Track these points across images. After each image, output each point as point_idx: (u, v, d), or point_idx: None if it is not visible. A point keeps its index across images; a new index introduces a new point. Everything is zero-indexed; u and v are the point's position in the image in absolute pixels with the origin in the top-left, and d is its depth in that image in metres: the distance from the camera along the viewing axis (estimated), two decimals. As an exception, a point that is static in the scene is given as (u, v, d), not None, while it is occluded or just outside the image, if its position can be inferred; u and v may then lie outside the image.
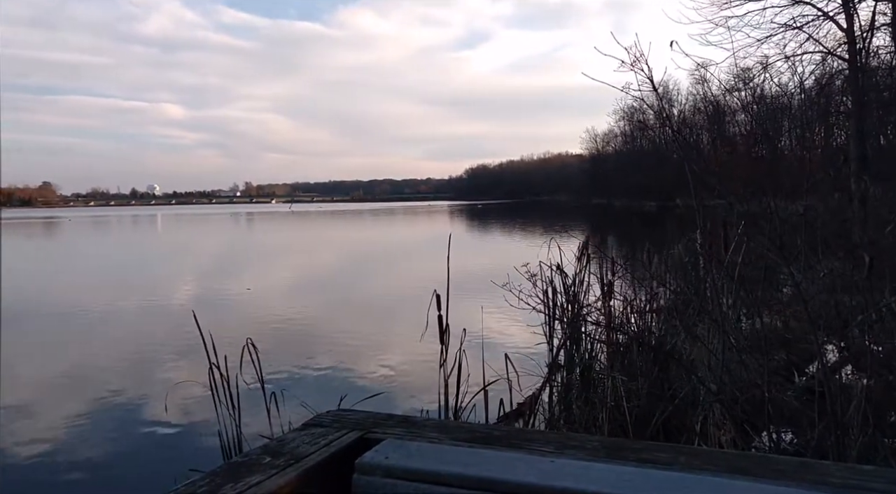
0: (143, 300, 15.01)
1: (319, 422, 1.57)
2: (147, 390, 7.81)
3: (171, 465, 5.08)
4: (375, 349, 9.53)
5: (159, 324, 11.99)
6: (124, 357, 9.58)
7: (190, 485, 1.22)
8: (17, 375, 8.75)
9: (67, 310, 13.84)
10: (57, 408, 7.19)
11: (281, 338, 9.80)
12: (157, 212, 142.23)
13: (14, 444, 6.18)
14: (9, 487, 5.33)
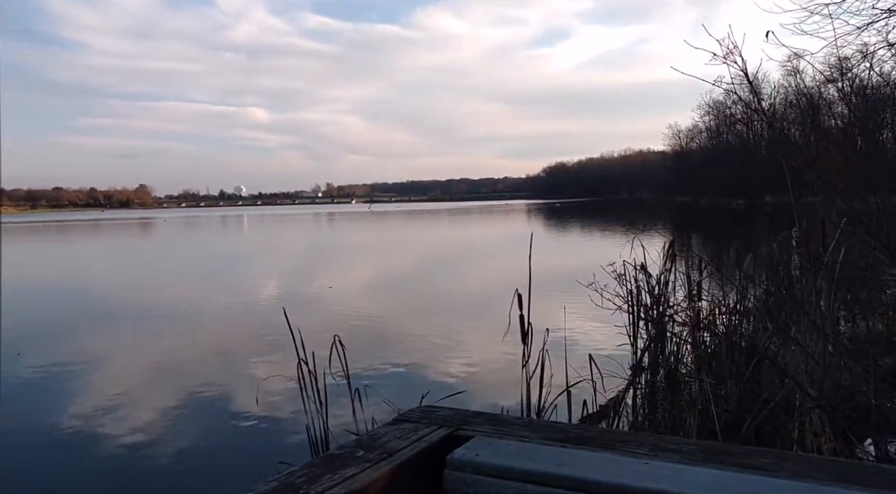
0: (232, 297, 15.64)
1: (408, 418, 1.59)
2: (237, 384, 8.12)
3: (261, 457, 5.26)
4: (455, 347, 9.58)
5: (248, 320, 12.47)
6: (216, 351, 10.01)
7: (289, 475, 1.26)
8: (115, 368, 9.30)
9: (161, 306, 14.59)
10: (152, 400, 7.58)
11: (362, 335, 9.99)
12: (243, 212, 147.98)
13: (113, 432, 6.56)
14: (109, 472, 5.66)
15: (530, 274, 4.00)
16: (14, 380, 8.63)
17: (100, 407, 7.34)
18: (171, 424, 6.76)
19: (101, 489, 5.39)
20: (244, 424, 6.60)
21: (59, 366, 9.31)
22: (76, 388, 8.30)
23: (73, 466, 5.83)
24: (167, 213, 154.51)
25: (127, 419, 6.95)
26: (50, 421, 6.94)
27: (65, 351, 10.26)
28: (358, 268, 22.61)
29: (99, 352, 10.30)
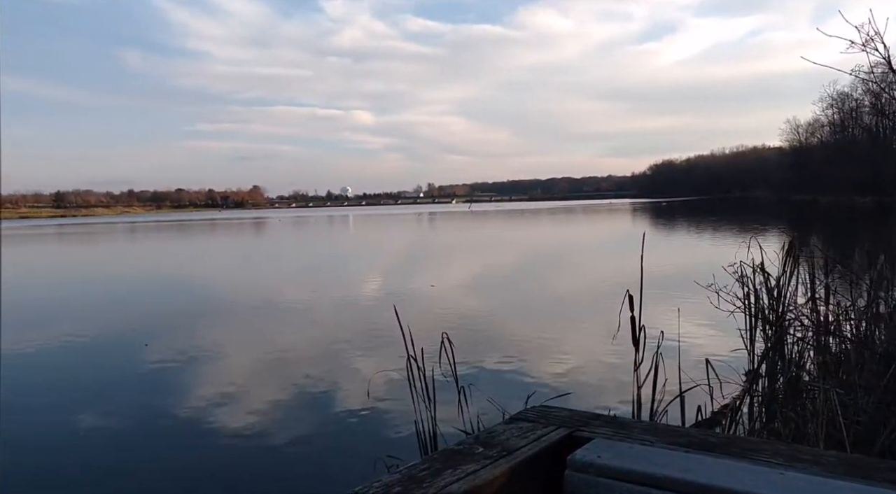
0: (340, 293, 16.18)
1: (525, 417, 1.59)
2: (347, 378, 8.37)
3: (370, 450, 5.37)
4: (560, 348, 9.47)
5: (356, 316, 12.86)
6: (326, 346, 10.38)
7: (411, 468, 1.29)
8: (231, 360, 9.82)
9: (275, 301, 15.29)
10: (266, 391, 7.93)
11: (466, 334, 10.05)
12: (349, 212, 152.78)
13: (228, 422, 6.92)
14: (223, 460, 5.97)
15: (642, 275, 3.88)
16: (141, 370, 9.31)
17: (216, 398, 7.77)
18: (282, 415, 7.04)
19: (216, 475, 5.69)
20: (353, 418, 6.78)
21: (181, 357, 9.95)
22: (194, 378, 8.83)
23: (189, 453, 6.18)
24: (279, 213, 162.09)
25: (240, 409, 7.29)
26: (169, 409, 7.38)
27: (186, 343, 10.95)
28: (459, 267, 22.79)
29: (217, 344, 10.92)
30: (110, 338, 11.67)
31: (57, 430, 6.84)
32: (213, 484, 5.42)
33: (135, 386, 8.44)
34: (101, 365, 9.72)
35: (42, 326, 13.06)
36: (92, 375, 9.13)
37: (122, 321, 13.31)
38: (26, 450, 6.32)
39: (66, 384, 8.72)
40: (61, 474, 5.77)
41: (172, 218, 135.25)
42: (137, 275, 23.95)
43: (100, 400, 7.90)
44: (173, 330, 12.32)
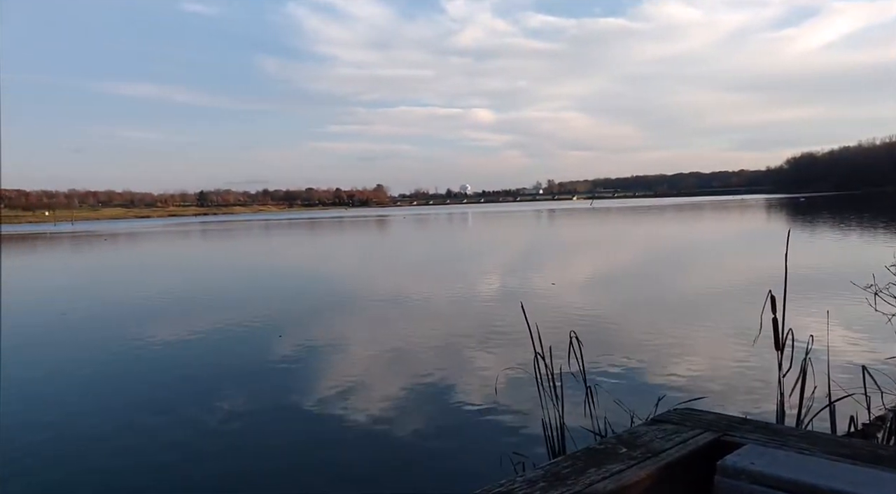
0: (462, 290, 16.36)
1: (668, 419, 1.55)
2: (470, 374, 8.46)
3: (496, 446, 5.40)
4: (689, 349, 9.07)
5: (478, 313, 12.97)
6: (450, 341, 10.53)
7: (554, 465, 1.29)
8: (357, 353, 10.18)
9: (400, 296, 15.71)
10: (390, 385, 8.13)
11: (589, 333, 9.87)
12: (468, 210, 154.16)
13: (354, 414, 7.17)
14: (349, 451, 6.19)
15: (786, 275, 3.64)
16: (274, 359, 9.86)
17: (343, 389, 8.09)
18: (408, 409, 7.18)
19: (342, 464, 5.92)
20: (478, 413, 6.82)
21: (311, 349, 10.46)
22: (323, 370, 9.23)
23: (316, 443, 6.46)
24: (401, 211, 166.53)
25: (366, 401, 7.53)
26: (298, 399, 7.73)
27: (317, 335, 11.50)
28: (581, 265, 22.39)
29: (346, 337, 11.38)
30: (249, 329, 12.45)
31: (193, 416, 7.40)
32: (339, 474, 5.60)
33: (267, 376, 8.93)
34: (239, 353, 10.39)
35: (189, 316, 14.17)
36: (231, 363, 9.78)
37: (260, 312, 14.18)
38: (178, 429, 6.89)
39: (208, 371, 9.40)
40: (207, 450, 6.23)
41: (303, 216, 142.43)
42: (273, 269, 25.45)
43: (236, 387, 8.45)
44: (305, 323, 12.96)
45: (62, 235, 74.26)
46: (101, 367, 9.85)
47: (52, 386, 8.93)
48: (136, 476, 5.67)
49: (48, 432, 6.92)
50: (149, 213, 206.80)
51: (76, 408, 7.81)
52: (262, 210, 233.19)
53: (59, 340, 12.19)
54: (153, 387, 8.58)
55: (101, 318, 14.73)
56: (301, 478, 5.50)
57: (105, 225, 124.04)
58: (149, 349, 10.84)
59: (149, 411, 7.53)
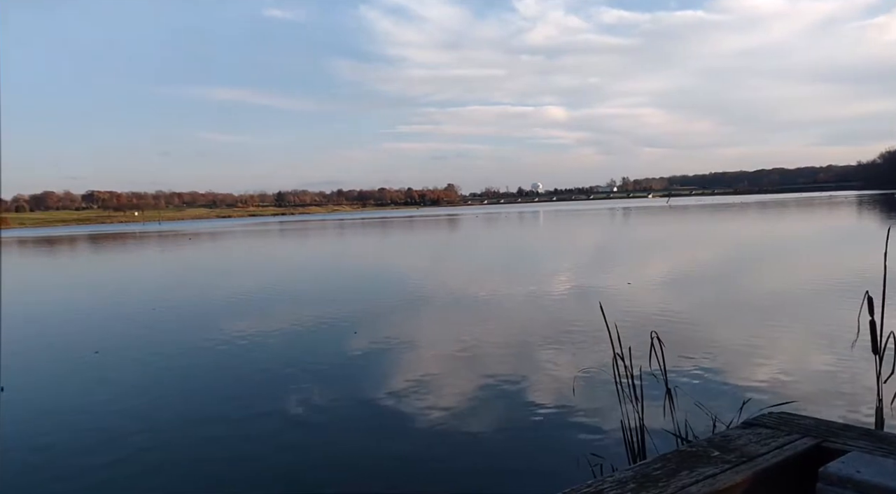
0: (536, 288, 16.25)
1: (762, 423, 1.49)
2: (545, 373, 8.39)
3: (573, 447, 5.33)
4: (776, 352, 8.70)
5: (551, 312, 12.85)
6: (523, 340, 10.48)
7: (643, 466, 1.26)
8: (431, 351, 10.25)
9: (472, 295, 15.73)
10: (464, 384, 8.15)
11: (667, 333, 9.58)
12: (539, 208, 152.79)
13: (429, 413, 7.22)
14: (423, 450, 6.23)
15: (885, 275, 3.43)
16: (349, 356, 10.07)
17: (417, 387, 8.16)
18: (482, 408, 7.17)
19: (417, 463, 5.96)
20: (554, 413, 6.76)
21: (385, 345, 10.61)
22: (397, 367, 9.34)
23: (391, 441, 6.54)
24: (471, 210, 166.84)
25: (441, 400, 7.57)
26: (372, 396, 7.85)
27: (391, 332, 11.65)
28: (657, 264, 21.82)
29: (419, 335, 11.49)
30: (325, 325, 12.75)
31: (271, 410, 7.63)
32: (411, 472, 5.64)
33: (342, 372, 9.13)
34: (316, 350, 10.65)
35: (268, 313, 14.64)
36: (308, 359, 10.02)
37: (336, 309, 14.49)
38: (257, 422, 7.12)
39: (285, 366, 9.67)
40: (282, 443, 6.42)
41: (375, 215, 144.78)
42: (348, 267, 25.99)
43: (312, 383, 8.65)
44: (379, 320, 13.15)
45: (150, 234, 78.06)
46: (184, 360, 10.30)
47: (143, 376, 9.39)
48: (217, 464, 5.90)
49: (137, 420, 7.30)
50: (230, 213, 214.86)
51: (162, 400, 8.19)
52: (336, 210, 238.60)
53: (149, 334, 12.81)
54: (233, 381, 8.91)
55: (187, 314, 15.39)
56: (372, 475, 5.58)
57: (189, 224, 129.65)
58: (229, 344, 11.26)
59: (228, 405, 7.82)
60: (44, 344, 12.18)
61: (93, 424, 7.29)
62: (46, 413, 7.74)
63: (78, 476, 5.82)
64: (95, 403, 8.12)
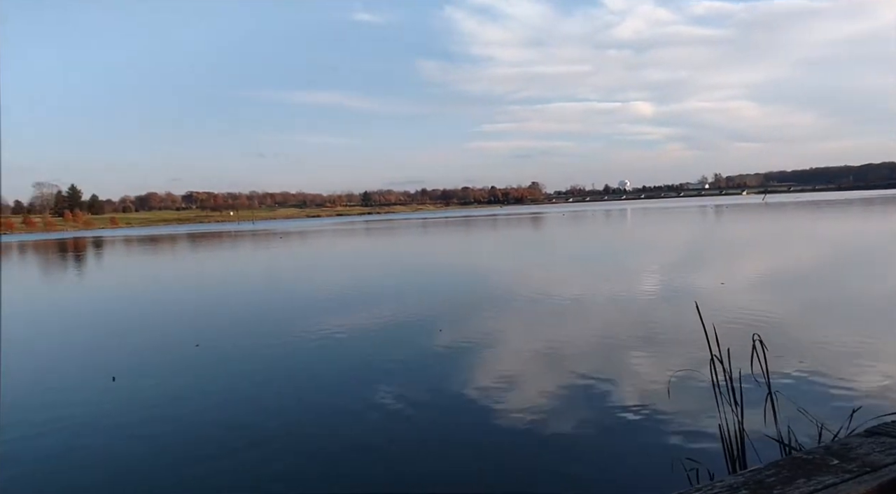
0: (625, 288, 15.89)
1: (886, 432, 1.40)
2: (636, 374, 8.19)
3: (667, 451, 5.15)
4: (889, 356, 8.14)
5: (642, 311, 12.54)
6: (614, 340, 10.27)
7: (755, 472, 1.21)
8: (517, 350, 10.19)
9: (558, 293, 15.54)
10: (552, 384, 8.04)
11: (765, 335, 9.16)
12: (626, 206, 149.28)
13: (515, 414, 7.18)
14: (508, 451, 6.20)
15: None
16: (435, 353, 10.15)
17: (502, 386, 8.13)
18: (571, 409, 7.06)
19: (502, 464, 5.94)
20: (646, 416, 6.58)
21: (470, 343, 10.64)
22: (481, 365, 9.34)
23: (474, 439, 6.54)
24: (556, 208, 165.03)
25: (528, 400, 7.50)
26: (455, 394, 7.87)
27: (476, 330, 11.67)
28: (752, 264, 20.86)
29: (506, 333, 11.45)
30: (410, 322, 12.93)
31: (355, 406, 7.79)
32: (496, 474, 5.60)
33: (427, 369, 9.21)
34: (400, 347, 10.80)
35: (354, 309, 14.97)
36: (393, 356, 10.16)
37: (421, 306, 14.68)
38: (340, 416, 7.31)
39: (370, 361, 9.86)
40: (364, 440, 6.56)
41: (459, 214, 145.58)
42: (432, 265, 26.25)
43: (396, 379, 8.77)
44: (464, 318, 13.21)
45: (244, 233, 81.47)
46: (279, 353, 10.68)
47: (241, 370, 9.81)
48: (322, 454, 6.10)
49: (239, 410, 7.64)
50: (318, 213, 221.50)
51: (261, 390, 8.53)
52: (420, 209, 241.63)
53: (246, 329, 13.37)
54: (326, 375, 9.18)
55: (281, 310, 15.96)
56: (455, 474, 5.60)
57: (280, 224, 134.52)
58: (315, 340, 11.59)
59: (312, 399, 8.06)
60: (149, 337, 12.94)
61: (200, 416, 7.68)
62: (154, 403, 8.22)
63: (192, 464, 6.14)
64: (198, 394, 8.55)
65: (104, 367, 10.10)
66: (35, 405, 8.36)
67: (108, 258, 44.58)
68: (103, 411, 7.94)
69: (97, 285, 26.99)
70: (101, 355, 11.40)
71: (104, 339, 13.11)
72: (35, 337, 14.02)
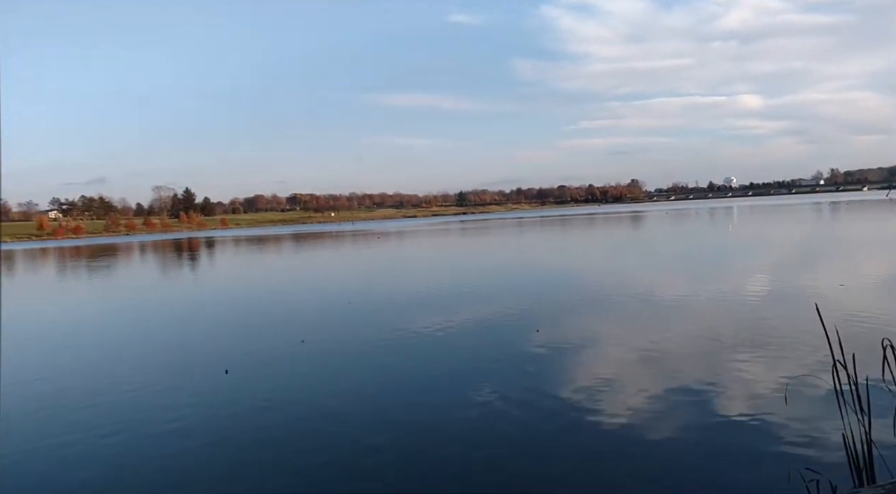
0: (734, 289, 15.19)
1: None
2: (749, 379, 7.82)
3: (782, 460, 4.87)
4: None
5: (754, 314, 11.95)
6: (724, 343, 9.84)
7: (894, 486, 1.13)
8: (610, 352, 9.94)
9: (655, 295, 15.05)
10: (649, 387, 7.81)
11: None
12: (733, 203, 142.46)
13: (609, 418, 7.00)
14: (595, 455, 6.04)
15: None
16: (531, 353, 10.07)
17: (600, 386, 7.98)
18: (676, 414, 6.84)
19: (598, 465, 5.80)
20: (759, 423, 6.26)
21: (566, 344, 10.50)
22: (577, 366, 9.18)
23: (571, 439, 6.43)
24: (657, 207, 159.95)
25: (628, 403, 7.31)
26: (550, 393, 7.81)
27: (573, 331, 11.50)
28: (874, 265, 19.36)
29: (606, 334, 11.21)
30: (507, 321, 12.89)
31: (450, 402, 7.85)
32: (605, 473, 5.50)
33: (522, 369, 9.15)
34: (496, 346, 10.79)
35: (451, 307, 15.09)
36: (489, 354, 10.17)
37: (518, 306, 14.60)
38: (434, 412, 7.38)
39: (467, 360, 9.91)
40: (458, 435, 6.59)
41: (555, 213, 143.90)
42: (528, 265, 26.04)
43: (491, 377, 8.77)
44: (561, 318, 13.04)
45: (344, 234, 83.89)
46: (380, 349, 10.93)
47: (343, 366, 10.13)
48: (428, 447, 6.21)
49: (344, 402, 7.90)
50: (415, 213, 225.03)
51: (364, 384, 8.77)
52: (515, 208, 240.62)
53: (347, 326, 13.77)
54: (416, 375, 9.31)
55: (381, 308, 16.31)
56: (554, 476, 5.53)
57: (378, 224, 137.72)
58: (414, 338, 11.78)
59: (411, 398, 8.19)
60: (258, 332, 13.57)
61: (304, 410, 8.00)
62: (263, 397, 8.61)
63: (294, 455, 6.40)
64: (303, 389, 8.90)
65: (218, 360, 10.68)
66: (153, 393, 8.95)
67: (219, 257, 47.13)
68: (217, 401, 8.40)
69: (211, 282, 28.58)
70: (216, 348, 12.05)
71: (218, 333, 13.87)
72: (160, 329, 15.01)
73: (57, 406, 8.55)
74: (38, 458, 6.62)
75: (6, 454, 6.77)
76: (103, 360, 11.64)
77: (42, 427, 7.63)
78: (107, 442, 6.95)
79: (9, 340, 14.13)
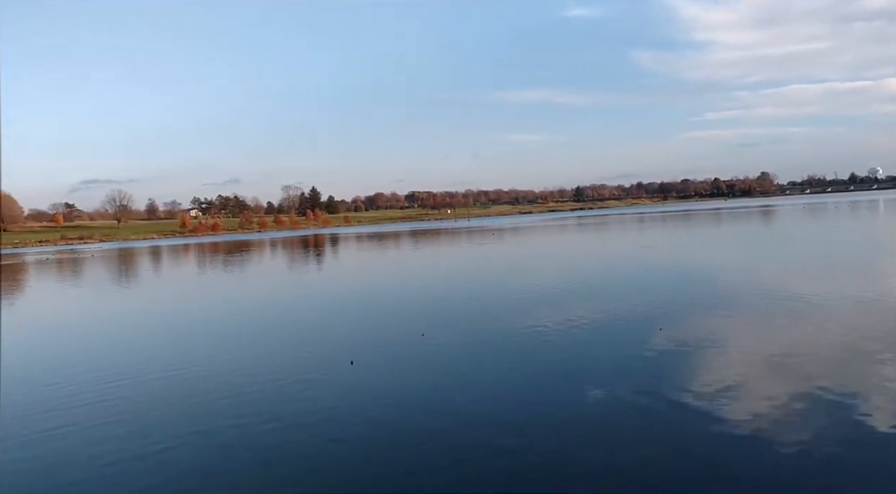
0: (869, 290, 14.13)
1: None
2: (873, 387, 7.37)
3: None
4: None
5: (890, 317, 11.11)
6: (853, 348, 9.27)
7: None
8: (738, 354, 9.52)
9: (789, 294, 14.21)
10: (778, 391, 7.49)
11: None
12: (878, 196, 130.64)
13: (731, 417, 6.76)
14: (719, 459, 5.84)
15: None
16: (654, 352, 9.88)
17: (726, 389, 7.73)
18: (801, 419, 6.60)
19: (724, 467, 5.65)
20: (884, 433, 5.91)
21: (692, 344, 10.19)
22: (705, 367, 8.91)
23: (690, 443, 6.28)
24: (791, 200, 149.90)
25: (754, 405, 7.08)
26: (672, 394, 7.67)
27: (699, 331, 11.14)
28: None
29: (734, 335, 10.79)
30: (630, 319, 12.68)
31: (569, 399, 7.84)
32: (728, 483, 5.39)
33: (644, 368, 9.03)
34: (618, 344, 10.66)
35: (574, 305, 14.99)
36: (610, 353, 10.08)
37: (642, 304, 14.30)
38: (551, 408, 7.41)
39: (587, 358, 9.85)
40: (575, 434, 6.59)
41: (678, 208, 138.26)
42: (652, 262, 25.28)
43: (612, 376, 8.71)
44: (687, 317, 12.66)
45: (460, 230, 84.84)
46: (499, 346, 11.09)
47: (463, 360, 10.37)
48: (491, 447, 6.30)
49: (464, 397, 8.12)
50: (530, 209, 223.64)
51: (481, 381, 8.97)
52: (635, 203, 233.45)
53: (466, 320, 14.04)
54: (533, 372, 9.37)
55: (499, 303, 16.49)
56: (684, 477, 5.45)
57: (494, 220, 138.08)
58: (531, 334, 11.84)
59: (526, 396, 8.27)
60: (381, 325, 14.14)
61: (421, 404, 8.31)
62: (384, 389, 9.02)
63: (407, 447, 6.69)
64: (421, 382, 9.23)
65: (344, 352, 11.26)
66: (290, 382, 9.59)
67: (343, 253, 49.18)
68: (342, 392, 8.88)
69: (336, 277, 29.93)
70: (342, 339, 12.69)
71: (345, 325, 14.58)
72: (292, 322, 15.99)
73: (206, 393, 9.39)
74: (202, 440, 7.31)
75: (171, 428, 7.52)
76: (243, 352, 12.58)
77: (197, 414, 8.42)
78: (263, 430, 7.56)
79: (170, 334, 15.55)
